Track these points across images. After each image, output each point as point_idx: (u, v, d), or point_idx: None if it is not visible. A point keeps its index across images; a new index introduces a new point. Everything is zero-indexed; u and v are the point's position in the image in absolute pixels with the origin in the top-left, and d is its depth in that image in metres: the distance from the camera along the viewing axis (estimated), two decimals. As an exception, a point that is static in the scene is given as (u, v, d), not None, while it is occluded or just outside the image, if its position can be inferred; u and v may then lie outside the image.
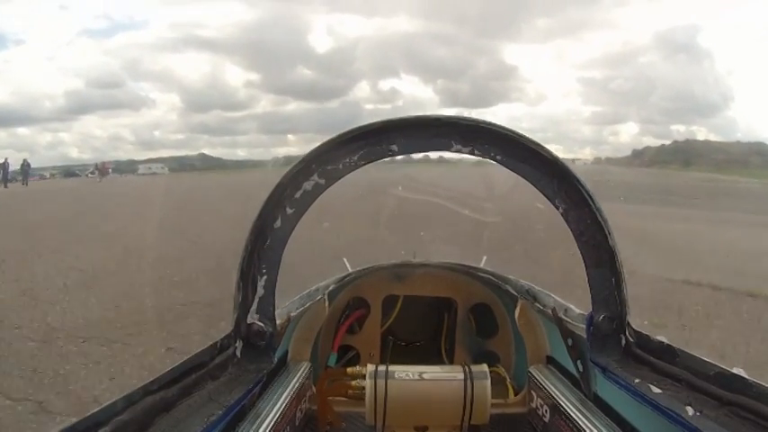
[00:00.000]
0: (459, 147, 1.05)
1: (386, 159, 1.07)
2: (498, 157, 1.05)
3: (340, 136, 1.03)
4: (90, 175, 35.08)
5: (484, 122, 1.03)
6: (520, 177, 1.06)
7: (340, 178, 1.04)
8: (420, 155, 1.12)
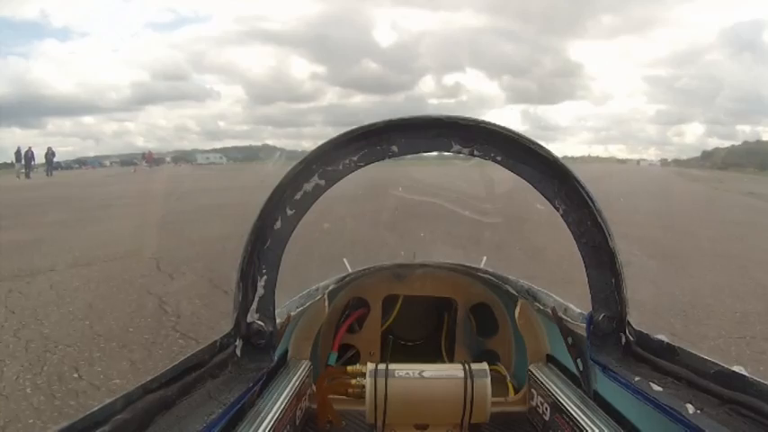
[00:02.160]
0: (459, 147, 1.05)
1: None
2: (498, 158, 1.05)
3: (340, 136, 1.03)
4: (145, 164, 35.35)
5: (484, 123, 1.04)
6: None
7: (340, 179, 1.05)
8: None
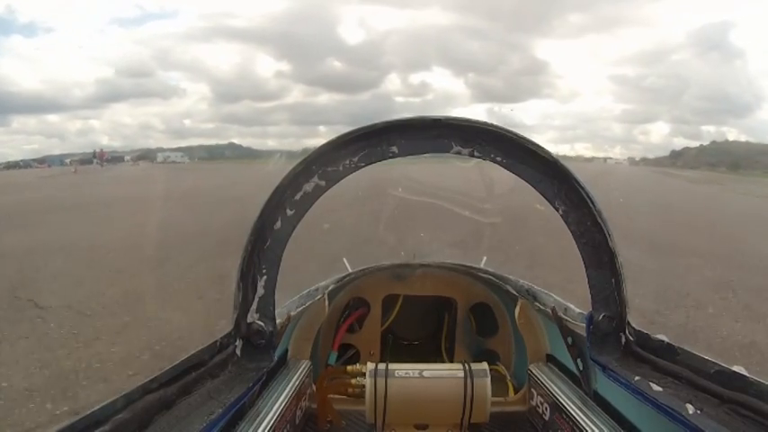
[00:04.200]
0: (459, 148, 1.05)
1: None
2: (498, 159, 1.05)
3: (340, 137, 1.03)
4: (96, 163, 35.59)
5: (484, 123, 1.04)
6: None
7: (340, 180, 1.05)
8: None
